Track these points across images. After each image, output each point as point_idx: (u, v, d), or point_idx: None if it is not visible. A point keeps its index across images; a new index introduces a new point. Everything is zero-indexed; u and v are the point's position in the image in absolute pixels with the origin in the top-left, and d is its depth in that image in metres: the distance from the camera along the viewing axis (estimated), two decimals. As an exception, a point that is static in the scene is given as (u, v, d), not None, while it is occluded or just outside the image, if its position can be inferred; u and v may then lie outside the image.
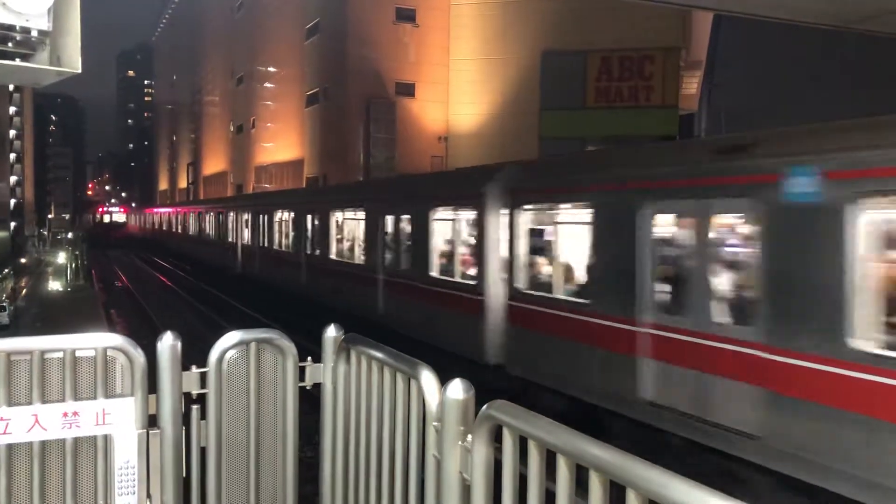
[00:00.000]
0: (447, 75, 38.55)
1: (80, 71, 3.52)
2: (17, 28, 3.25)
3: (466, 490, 2.53)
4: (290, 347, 3.50)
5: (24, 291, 28.12)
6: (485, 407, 2.42)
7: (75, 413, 3.03)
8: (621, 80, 33.01)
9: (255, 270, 26.37)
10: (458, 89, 38.33)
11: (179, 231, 47.21)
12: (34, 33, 3.28)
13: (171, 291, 30.24)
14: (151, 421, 3.20)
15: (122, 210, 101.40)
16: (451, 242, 13.00)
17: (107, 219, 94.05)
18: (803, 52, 20.84)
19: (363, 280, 16.17)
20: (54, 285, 29.11)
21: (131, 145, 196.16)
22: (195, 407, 3.34)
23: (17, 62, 3.37)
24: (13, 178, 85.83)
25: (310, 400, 3.83)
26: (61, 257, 37.08)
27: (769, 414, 6.81)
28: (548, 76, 34.16)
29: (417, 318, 13.68)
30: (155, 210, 68.62)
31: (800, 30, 14.31)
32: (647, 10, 24.32)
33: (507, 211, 10.94)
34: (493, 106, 36.86)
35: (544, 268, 10.84)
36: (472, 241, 12.15)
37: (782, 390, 6.69)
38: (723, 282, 7.68)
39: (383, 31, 38.05)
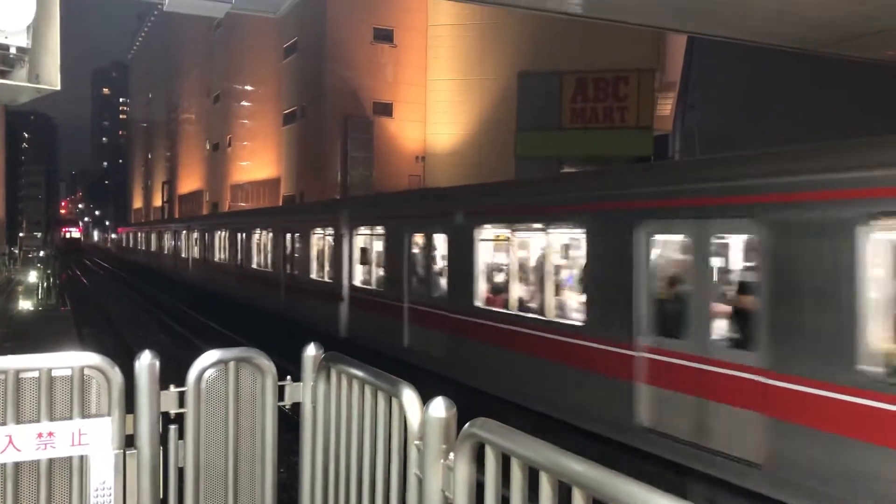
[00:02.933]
0: (424, 95, 38.73)
1: (58, 88, 3.51)
2: (-4, 45, 3.24)
3: (449, 509, 2.52)
4: (269, 366, 3.49)
5: (-7, 311, 27.64)
6: (467, 425, 2.42)
7: (50, 433, 2.99)
8: (596, 100, 33.34)
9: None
10: (435, 109, 38.51)
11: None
12: (13, 50, 3.27)
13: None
14: (128, 441, 3.16)
15: (78, 230, 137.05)
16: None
17: (68, 236, 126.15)
18: (776, 74, 21.22)
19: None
20: (25, 304, 28.65)
21: (105, 163, 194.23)
22: (173, 427, 3.31)
23: (-4, 79, 3.35)
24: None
25: (286, 420, 3.80)
26: (33, 276, 36.50)
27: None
28: (524, 97, 34.43)
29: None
30: (142, 229, 61.82)
31: (773, 51, 14.60)
32: (621, 33, 24.65)
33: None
34: (470, 126, 37.06)
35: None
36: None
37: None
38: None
39: (361, 51, 38.19)
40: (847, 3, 10.99)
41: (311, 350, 3.61)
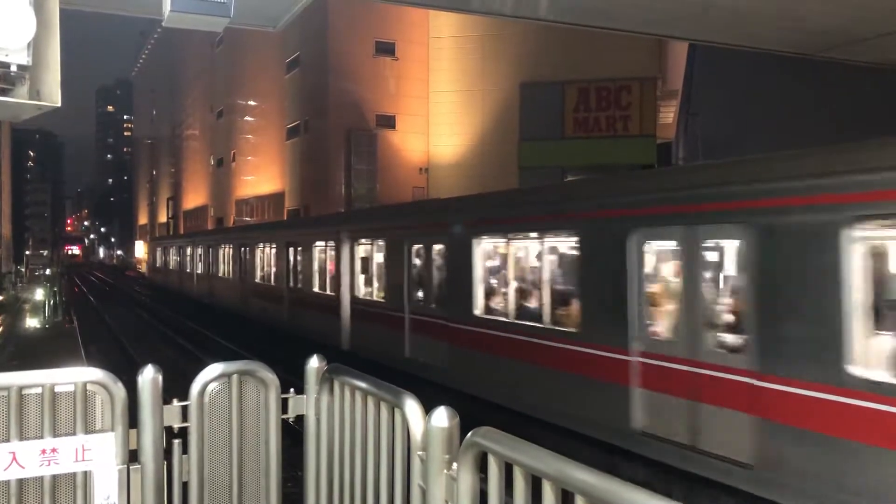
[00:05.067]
0: (427, 107, 38.81)
1: (59, 105, 3.52)
2: (-3, 63, 3.26)
3: (453, 519, 2.51)
4: (272, 379, 3.48)
5: (0, 329, 27.68)
6: (469, 434, 2.41)
7: (54, 450, 2.98)
8: (598, 110, 33.37)
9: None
10: (438, 121, 38.58)
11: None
12: (13, 68, 3.29)
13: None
14: (132, 456, 3.16)
15: (78, 247, 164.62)
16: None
17: (70, 253, 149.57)
18: (779, 79, 21.22)
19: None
20: (32, 322, 28.70)
21: (110, 180, 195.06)
22: (177, 441, 3.30)
23: (-4, 97, 3.37)
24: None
25: (290, 433, 3.79)
26: (39, 294, 36.59)
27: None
28: (526, 107, 34.49)
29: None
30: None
31: (775, 57, 14.60)
32: (622, 41, 24.70)
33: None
34: (472, 137, 37.12)
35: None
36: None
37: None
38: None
39: (363, 65, 38.32)
40: (846, 8, 10.99)
41: (314, 362, 3.60)
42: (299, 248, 20.27)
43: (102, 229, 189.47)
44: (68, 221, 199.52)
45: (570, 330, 9.63)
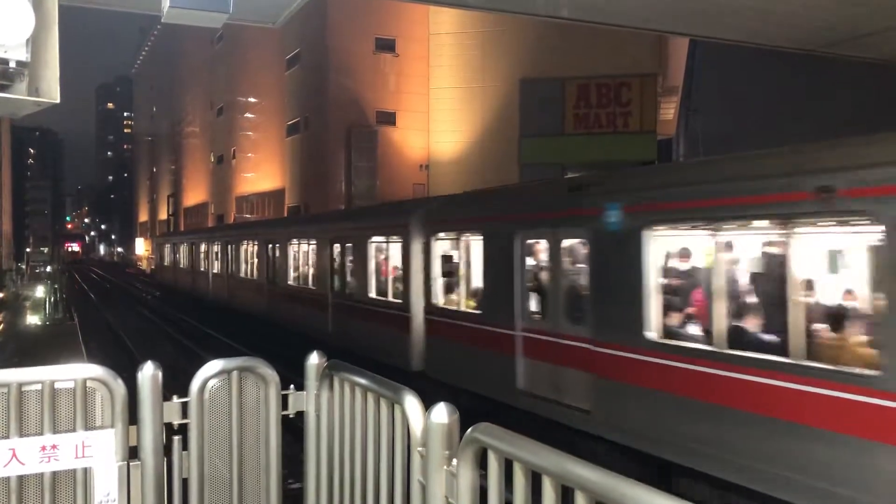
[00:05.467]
0: (427, 104, 38.80)
1: (58, 101, 3.52)
2: (-5, 59, 3.25)
3: (452, 515, 2.51)
4: (272, 375, 3.48)
5: (0, 326, 27.75)
6: (469, 430, 2.41)
7: (54, 446, 2.98)
8: (599, 106, 33.37)
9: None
10: (438, 117, 38.57)
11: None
12: (12, 64, 3.28)
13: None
14: (132, 453, 3.16)
15: (77, 244, 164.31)
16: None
17: (70, 250, 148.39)
18: (779, 75, 21.20)
19: None
20: (33, 319, 28.72)
21: (111, 177, 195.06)
22: (176, 438, 3.30)
23: (-5, 93, 3.37)
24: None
25: (290, 429, 3.79)
26: (40, 291, 36.61)
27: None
28: (526, 104, 34.48)
29: None
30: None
31: (775, 53, 14.58)
32: (622, 38, 24.68)
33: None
34: (473, 133, 37.11)
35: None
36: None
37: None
38: None
39: (363, 61, 38.30)
40: (847, 3, 10.98)
41: (313, 358, 3.60)
42: (348, 245, 17.04)
43: (103, 226, 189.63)
44: (69, 218, 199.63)
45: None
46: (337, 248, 17.67)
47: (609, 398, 8.83)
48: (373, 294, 15.62)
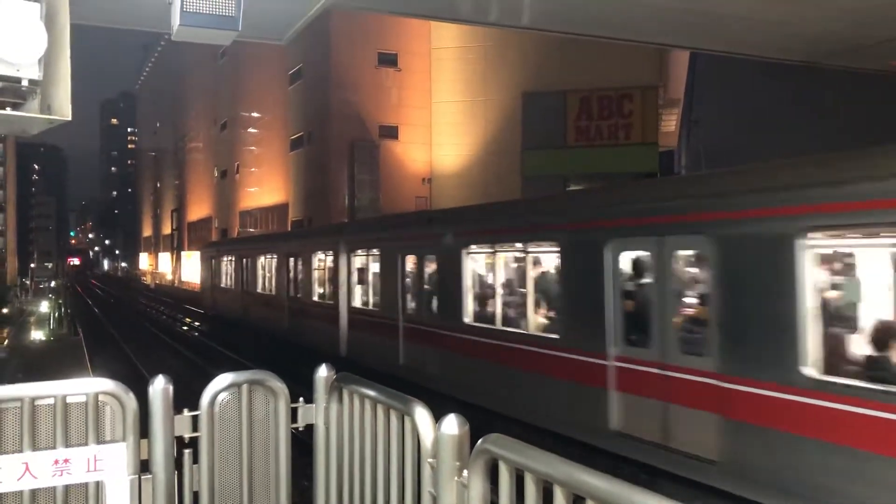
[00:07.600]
0: (430, 117, 38.94)
1: (70, 118, 3.56)
2: (9, 78, 3.30)
3: (464, 526, 2.52)
4: (281, 388, 3.50)
5: (5, 342, 27.71)
6: (480, 441, 2.43)
7: (66, 460, 3.00)
8: (601, 118, 33.47)
9: None
10: (440, 131, 38.69)
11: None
12: (25, 83, 3.32)
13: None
14: (143, 466, 3.17)
15: (78, 259, 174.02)
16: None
17: (72, 264, 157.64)
18: (781, 87, 21.24)
19: None
20: (37, 335, 28.76)
21: (115, 192, 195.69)
22: (187, 451, 3.32)
23: (8, 111, 3.41)
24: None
25: (300, 442, 3.80)
26: (44, 306, 36.66)
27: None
28: (528, 116, 34.59)
29: None
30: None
31: (776, 64, 14.61)
32: (623, 50, 24.76)
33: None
34: (475, 147, 37.20)
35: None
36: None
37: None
38: None
39: (366, 76, 38.48)
40: (848, 14, 11.02)
41: (322, 371, 3.62)
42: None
43: (107, 241, 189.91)
44: (73, 233, 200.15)
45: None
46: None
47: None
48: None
